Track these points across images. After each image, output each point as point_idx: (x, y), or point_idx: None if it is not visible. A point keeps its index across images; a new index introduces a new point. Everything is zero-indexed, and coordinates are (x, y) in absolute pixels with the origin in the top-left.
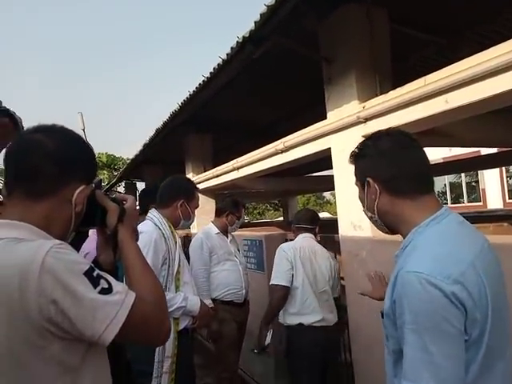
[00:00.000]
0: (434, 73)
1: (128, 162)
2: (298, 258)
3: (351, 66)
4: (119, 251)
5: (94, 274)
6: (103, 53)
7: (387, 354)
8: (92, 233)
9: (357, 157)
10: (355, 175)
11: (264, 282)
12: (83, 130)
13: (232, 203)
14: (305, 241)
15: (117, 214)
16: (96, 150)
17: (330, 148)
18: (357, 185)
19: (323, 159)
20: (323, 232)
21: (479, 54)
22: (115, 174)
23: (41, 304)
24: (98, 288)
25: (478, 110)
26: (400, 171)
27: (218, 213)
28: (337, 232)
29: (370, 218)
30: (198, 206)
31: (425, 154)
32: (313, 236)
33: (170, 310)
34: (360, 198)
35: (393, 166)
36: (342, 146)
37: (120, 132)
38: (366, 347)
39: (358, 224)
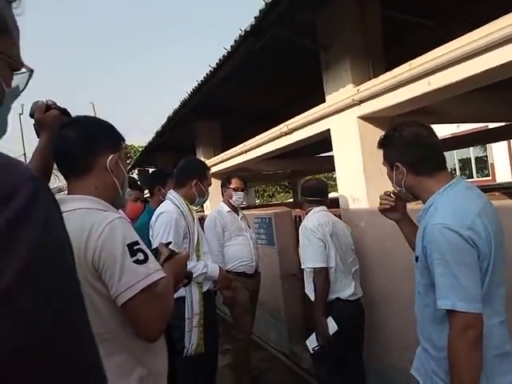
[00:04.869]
0: (418, 57)
1: (140, 149)
2: (327, 235)
3: (346, 53)
4: None
5: (135, 247)
6: (114, 43)
7: (417, 291)
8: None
9: (385, 144)
10: (384, 158)
11: (275, 255)
12: None
13: (223, 180)
14: (324, 215)
15: (164, 258)
16: None
17: (329, 129)
18: (385, 165)
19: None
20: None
21: (457, 39)
22: (127, 161)
23: (94, 254)
24: (134, 258)
25: (457, 90)
26: (421, 156)
27: (221, 193)
28: None
29: (399, 191)
30: (210, 184)
31: (438, 138)
32: (326, 208)
33: (193, 275)
34: (389, 175)
35: (415, 152)
36: (340, 127)
37: (130, 120)
38: (379, 302)
39: (356, 197)
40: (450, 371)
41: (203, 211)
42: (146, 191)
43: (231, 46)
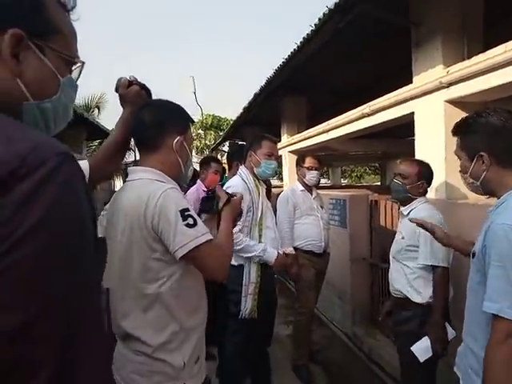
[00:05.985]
0: None
1: (231, 123)
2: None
3: (439, 29)
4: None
5: (186, 213)
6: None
7: (469, 288)
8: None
9: (466, 131)
10: (462, 147)
11: (346, 237)
12: (194, 92)
13: (298, 158)
14: (433, 208)
15: (223, 202)
16: (204, 112)
17: (413, 112)
18: (459, 154)
19: None
20: None
21: None
22: (221, 134)
23: (153, 220)
24: (185, 222)
25: None
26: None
27: (296, 171)
28: None
29: (471, 183)
30: (269, 154)
31: None
32: None
33: (250, 254)
34: (463, 165)
35: (507, 141)
36: (425, 111)
37: (227, 93)
38: None
39: (434, 187)
40: (483, 380)
41: (282, 187)
42: None
43: (315, 25)
